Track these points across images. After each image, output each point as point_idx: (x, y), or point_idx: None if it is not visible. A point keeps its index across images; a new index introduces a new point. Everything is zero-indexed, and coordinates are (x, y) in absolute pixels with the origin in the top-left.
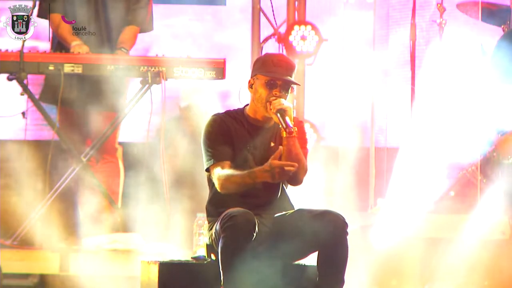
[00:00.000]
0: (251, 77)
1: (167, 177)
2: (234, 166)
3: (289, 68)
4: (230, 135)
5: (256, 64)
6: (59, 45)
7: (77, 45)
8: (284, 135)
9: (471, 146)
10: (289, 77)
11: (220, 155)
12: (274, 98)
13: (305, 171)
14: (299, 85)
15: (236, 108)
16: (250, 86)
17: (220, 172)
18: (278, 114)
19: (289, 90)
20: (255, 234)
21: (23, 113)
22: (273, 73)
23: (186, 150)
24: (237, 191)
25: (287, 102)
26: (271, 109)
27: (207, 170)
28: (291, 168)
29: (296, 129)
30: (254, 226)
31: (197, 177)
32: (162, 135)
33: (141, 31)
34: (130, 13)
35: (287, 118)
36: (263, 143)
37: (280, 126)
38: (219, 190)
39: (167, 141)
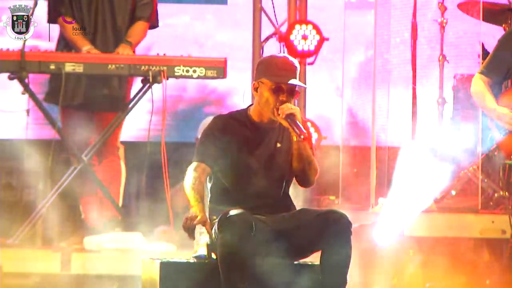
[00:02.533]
0: (256, 80)
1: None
2: (237, 169)
3: (294, 71)
4: (228, 138)
5: (260, 67)
6: (65, 46)
7: (88, 50)
8: (295, 139)
9: (474, 145)
10: (295, 80)
11: (202, 155)
12: (280, 103)
13: (316, 172)
14: (306, 87)
15: (239, 109)
16: (255, 89)
17: (189, 172)
18: (289, 120)
19: (295, 94)
20: (253, 233)
21: (27, 111)
22: (279, 77)
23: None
24: None
25: (294, 105)
26: (279, 115)
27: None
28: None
29: (306, 133)
30: (251, 225)
31: None
32: (163, 134)
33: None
34: (137, 9)
35: (298, 123)
36: (268, 144)
37: (291, 131)
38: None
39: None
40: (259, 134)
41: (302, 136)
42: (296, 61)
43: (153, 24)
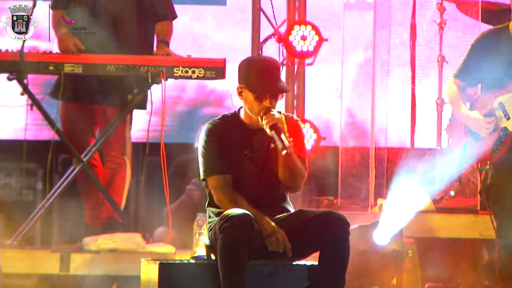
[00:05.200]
0: (239, 85)
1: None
2: (232, 172)
3: (276, 73)
4: (226, 142)
5: (241, 72)
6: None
7: (63, 34)
8: (280, 150)
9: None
10: (277, 86)
11: (221, 167)
12: (264, 112)
13: (303, 178)
14: (289, 91)
15: (232, 111)
16: (240, 93)
17: (225, 190)
18: (272, 131)
19: (279, 97)
20: (253, 235)
21: (31, 105)
22: (260, 87)
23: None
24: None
25: (278, 113)
26: (263, 124)
27: (204, 179)
28: (287, 251)
29: (291, 144)
30: (252, 226)
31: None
32: (162, 135)
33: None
34: (158, 9)
35: (282, 135)
36: (262, 145)
37: (276, 142)
38: (215, 201)
39: None
40: (251, 136)
41: (284, 151)
42: (276, 62)
43: (173, 17)
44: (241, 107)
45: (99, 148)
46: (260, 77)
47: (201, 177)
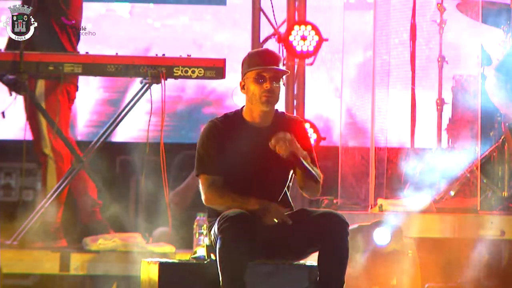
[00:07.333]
0: (242, 79)
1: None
2: (234, 171)
3: (276, 59)
4: (226, 142)
5: (243, 64)
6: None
7: None
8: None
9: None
10: (278, 66)
11: (212, 168)
12: (275, 139)
13: (320, 182)
14: (288, 73)
15: (234, 110)
16: (242, 87)
17: (211, 187)
18: (298, 166)
19: (280, 81)
20: (252, 234)
21: (3, 113)
22: (261, 62)
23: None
24: (220, 209)
25: (286, 134)
26: (276, 150)
27: (197, 175)
28: (286, 220)
29: (317, 175)
30: (251, 226)
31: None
32: (161, 135)
33: None
34: None
35: (303, 162)
36: (262, 144)
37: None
38: (204, 202)
39: None
40: (253, 135)
41: (314, 179)
42: (277, 52)
43: None
44: (244, 106)
45: (98, 148)
46: (262, 58)
47: (195, 173)
